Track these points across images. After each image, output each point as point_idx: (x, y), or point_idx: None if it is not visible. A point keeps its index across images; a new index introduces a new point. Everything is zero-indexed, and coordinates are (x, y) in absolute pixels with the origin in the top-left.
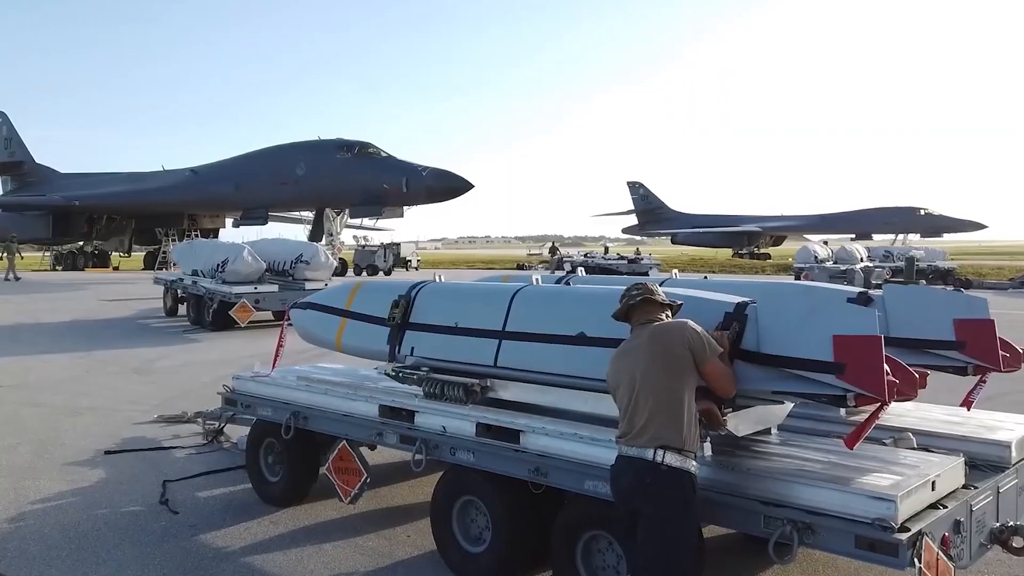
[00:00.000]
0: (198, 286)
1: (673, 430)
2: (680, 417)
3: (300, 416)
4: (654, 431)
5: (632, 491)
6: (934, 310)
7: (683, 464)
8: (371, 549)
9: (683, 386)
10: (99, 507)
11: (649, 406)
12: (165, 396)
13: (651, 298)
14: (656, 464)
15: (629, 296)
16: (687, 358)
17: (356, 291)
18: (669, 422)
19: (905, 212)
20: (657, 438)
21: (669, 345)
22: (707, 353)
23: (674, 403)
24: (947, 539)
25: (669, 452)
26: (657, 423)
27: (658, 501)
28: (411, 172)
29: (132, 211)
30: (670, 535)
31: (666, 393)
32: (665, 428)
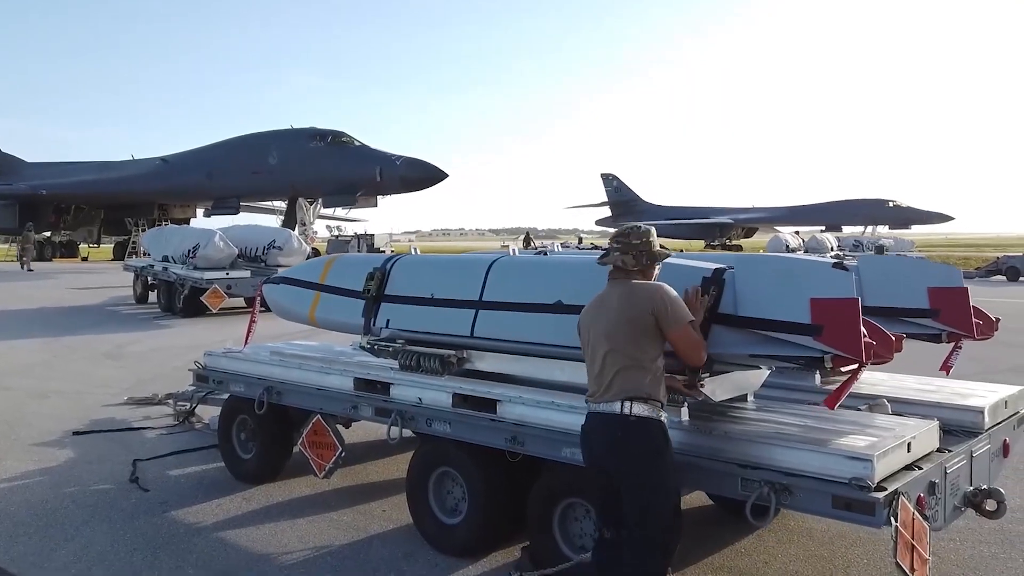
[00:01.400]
0: (169, 272)
1: (639, 382)
2: (646, 374)
3: (273, 391)
4: (620, 385)
5: (605, 449)
6: (908, 279)
7: (651, 413)
8: (346, 523)
9: (649, 350)
10: (67, 486)
11: (616, 367)
12: (135, 380)
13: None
14: (625, 416)
15: (625, 245)
16: (652, 325)
17: (330, 265)
18: (635, 377)
19: (874, 204)
20: (624, 391)
21: (636, 310)
22: (671, 321)
23: (640, 363)
24: (922, 500)
25: (636, 403)
26: (623, 378)
27: (631, 456)
28: (385, 161)
29: (101, 201)
30: (649, 489)
31: (632, 358)
32: (631, 381)
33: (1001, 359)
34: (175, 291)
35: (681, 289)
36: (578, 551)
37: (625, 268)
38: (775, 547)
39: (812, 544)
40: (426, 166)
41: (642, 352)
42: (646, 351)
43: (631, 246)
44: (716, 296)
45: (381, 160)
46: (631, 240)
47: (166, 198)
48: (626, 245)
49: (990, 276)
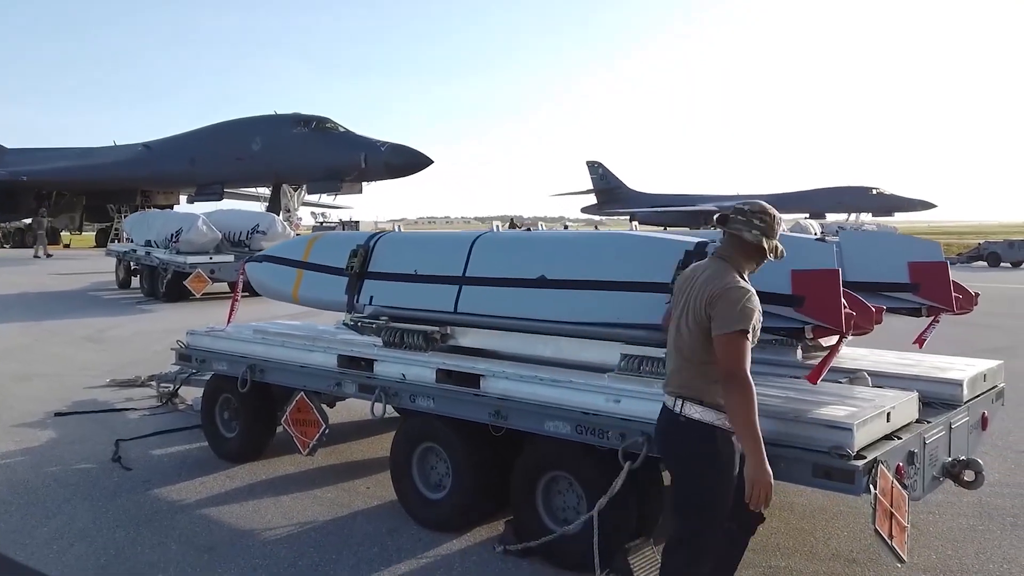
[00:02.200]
0: (151, 257)
1: (696, 380)
2: (705, 372)
3: (256, 369)
4: (679, 379)
5: (657, 441)
6: (889, 254)
7: (703, 416)
8: (330, 500)
9: (704, 345)
10: (49, 465)
11: (681, 353)
12: (118, 363)
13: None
14: (675, 415)
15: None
16: (705, 321)
17: (313, 243)
18: (693, 373)
19: (857, 191)
20: (681, 386)
21: (702, 298)
22: (718, 321)
23: (698, 356)
24: (901, 469)
25: (689, 403)
26: (683, 372)
27: (677, 456)
28: (370, 147)
29: (83, 187)
30: (695, 499)
31: (689, 348)
32: (689, 377)
33: (980, 340)
34: (158, 276)
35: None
36: (561, 524)
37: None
38: None
39: (793, 518)
40: (411, 152)
41: (700, 345)
42: (703, 344)
43: (753, 226)
44: None
45: (366, 146)
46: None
47: (149, 184)
48: (747, 223)
49: (972, 262)
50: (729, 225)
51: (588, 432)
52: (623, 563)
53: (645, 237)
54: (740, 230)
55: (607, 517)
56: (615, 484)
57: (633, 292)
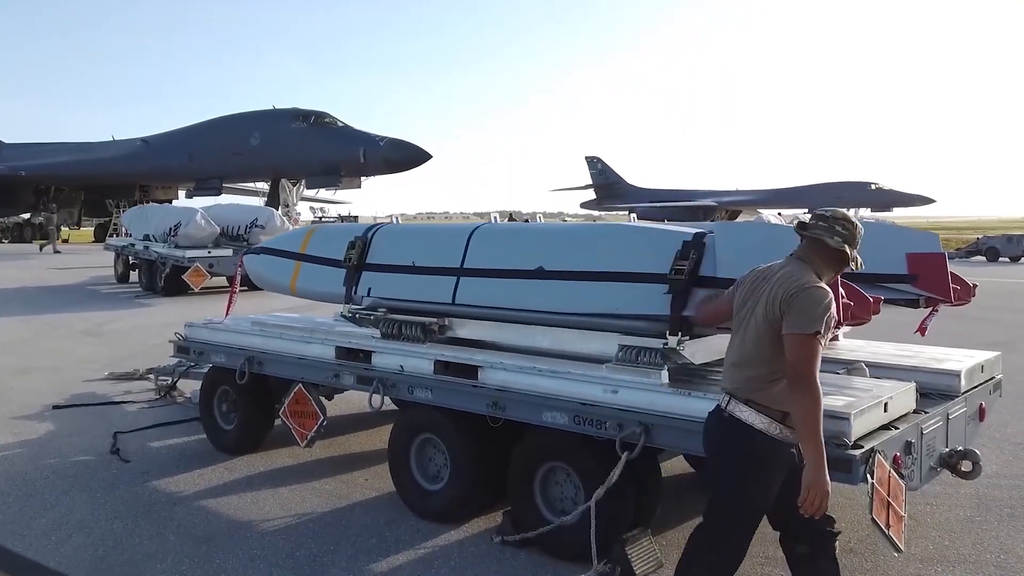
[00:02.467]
0: (150, 251)
1: (753, 380)
2: (765, 371)
3: (255, 361)
4: (734, 377)
5: (703, 436)
6: (886, 245)
7: (748, 418)
8: (328, 492)
9: (771, 344)
10: (47, 457)
11: (742, 350)
12: (116, 356)
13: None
14: (720, 411)
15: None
16: (778, 318)
17: (311, 234)
18: (752, 371)
19: (857, 187)
20: (735, 384)
21: (777, 295)
22: (791, 321)
23: (761, 354)
24: (898, 459)
25: (738, 402)
26: (740, 370)
27: (715, 452)
28: (368, 142)
29: (81, 182)
30: (729, 498)
31: (753, 345)
32: (746, 376)
33: (978, 334)
34: (156, 270)
35: (662, 254)
36: (558, 515)
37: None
38: None
39: None
40: (410, 147)
41: (768, 347)
42: (767, 345)
43: (835, 232)
44: (696, 259)
45: (364, 141)
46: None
47: (147, 179)
48: (829, 228)
49: (970, 257)
50: (810, 230)
51: (586, 423)
52: (620, 554)
53: (643, 228)
54: (822, 235)
55: (604, 508)
56: (612, 474)
57: (631, 283)
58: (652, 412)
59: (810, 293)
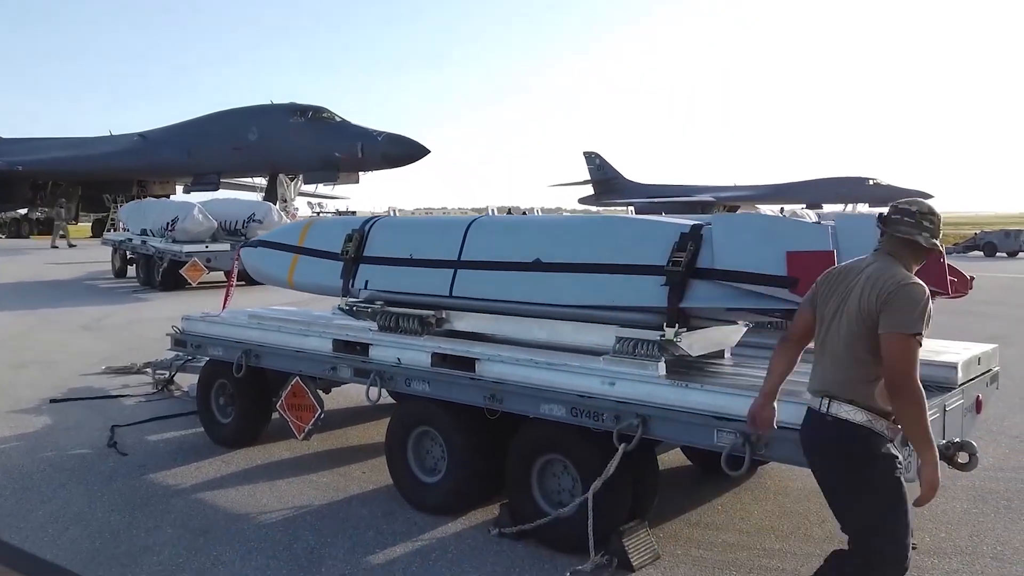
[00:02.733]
0: (147, 246)
1: (849, 379)
2: (860, 370)
3: (252, 354)
4: (827, 377)
5: (805, 447)
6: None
7: (853, 416)
8: (325, 484)
9: (865, 344)
10: (44, 451)
11: (833, 350)
12: (113, 350)
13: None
14: (822, 415)
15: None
16: (873, 317)
17: (308, 227)
18: (846, 371)
19: (855, 182)
20: (830, 385)
21: (873, 294)
22: (889, 321)
23: (855, 354)
24: None
25: (838, 402)
26: (833, 370)
27: (829, 462)
28: (366, 137)
29: (79, 177)
30: (865, 510)
31: (845, 345)
32: (841, 376)
33: (976, 328)
34: (154, 265)
35: (659, 245)
36: (556, 506)
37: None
38: (751, 504)
39: (788, 501)
40: (408, 142)
41: (862, 347)
42: (864, 345)
43: (922, 228)
44: (694, 251)
45: (362, 136)
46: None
47: (145, 175)
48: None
49: (968, 252)
50: (897, 228)
51: (583, 415)
52: (618, 545)
53: (640, 220)
54: (911, 233)
55: (602, 500)
56: (609, 466)
57: (628, 275)
58: (649, 404)
59: (908, 291)
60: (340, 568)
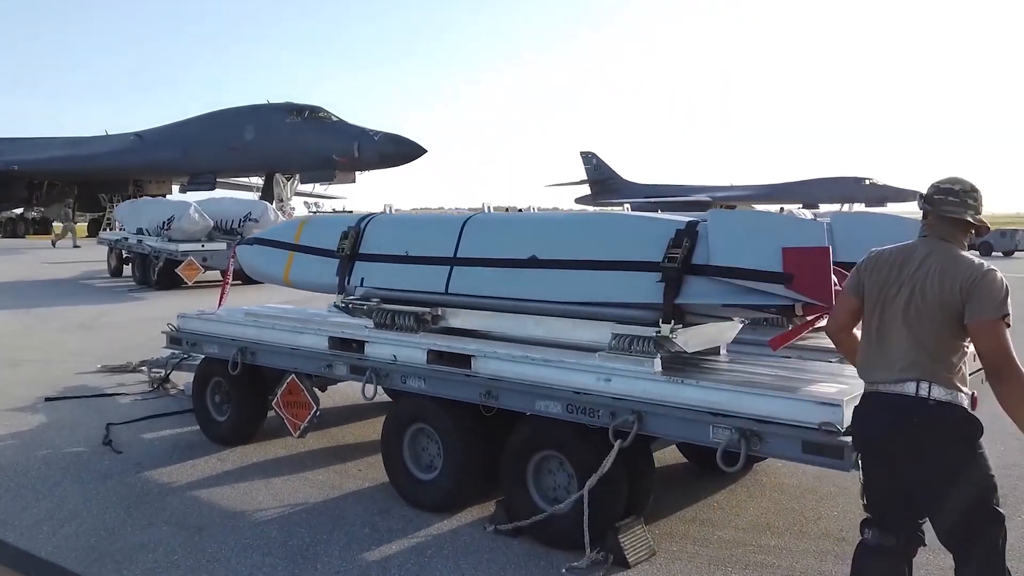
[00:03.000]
0: (143, 245)
1: (935, 365)
2: (944, 357)
3: (247, 351)
4: (914, 364)
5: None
6: (880, 234)
7: (952, 397)
8: (321, 482)
9: (949, 329)
10: (39, 448)
11: (915, 338)
12: (109, 349)
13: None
14: (923, 399)
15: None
16: (959, 306)
17: (304, 225)
18: (932, 358)
19: (851, 182)
20: (921, 371)
21: (951, 283)
22: (977, 308)
23: (940, 342)
24: None
25: (936, 386)
26: (920, 358)
27: (939, 444)
28: (363, 137)
29: (75, 177)
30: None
31: (930, 334)
32: (928, 362)
33: None
34: (150, 264)
35: (654, 242)
36: (551, 503)
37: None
38: (747, 501)
39: (783, 498)
40: (404, 142)
41: (948, 334)
42: (948, 333)
43: (968, 206)
44: (689, 247)
45: (359, 135)
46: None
47: (141, 174)
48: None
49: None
50: (943, 208)
51: (579, 411)
52: (613, 542)
53: (635, 216)
54: (959, 212)
55: (597, 496)
56: (605, 463)
57: (624, 271)
58: (645, 400)
59: (990, 277)
60: (335, 565)
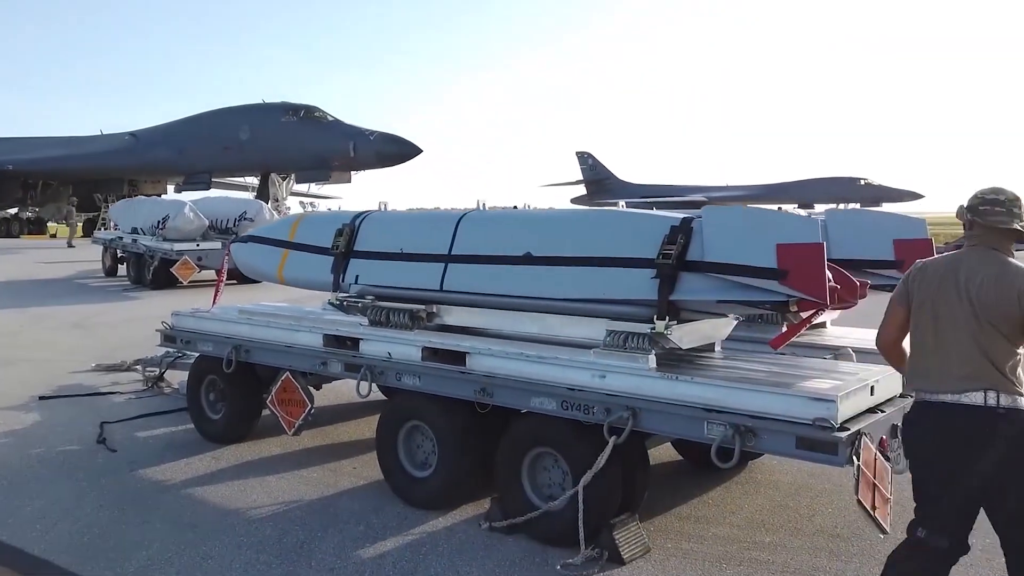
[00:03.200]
0: (138, 244)
1: (1006, 374)
2: (1011, 365)
3: (242, 349)
4: (978, 370)
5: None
6: (875, 232)
7: (1019, 404)
8: (316, 480)
9: (1010, 339)
10: (33, 447)
11: (983, 347)
12: (104, 348)
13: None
14: (991, 409)
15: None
16: (1016, 312)
17: (299, 223)
18: (1002, 368)
19: (846, 182)
20: (986, 377)
21: (1008, 291)
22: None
23: (1006, 350)
24: (884, 442)
25: (1004, 395)
26: (984, 365)
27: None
28: (359, 136)
29: (70, 176)
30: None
31: (993, 345)
32: (997, 372)
33: None
34: (145, 263)
35: (649, 239)
36: (546, 500)
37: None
38: (741, 498)
39: (778, 495)
40: (401, 141)
41: (1005, 341)
42: (1013, 339)
43: (1014, 215)
44: (684, 244)
45: (355, 135)
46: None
47: (136, 174)
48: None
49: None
50: (990, 218)
51: (573, 408)
52: (608, 539)
53: (630, 213)
54: (1008, 222)
55: (592, 493)
56: (600, 459)
57: (619, 268)
58: (640, 397)
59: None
60: (330, 562)
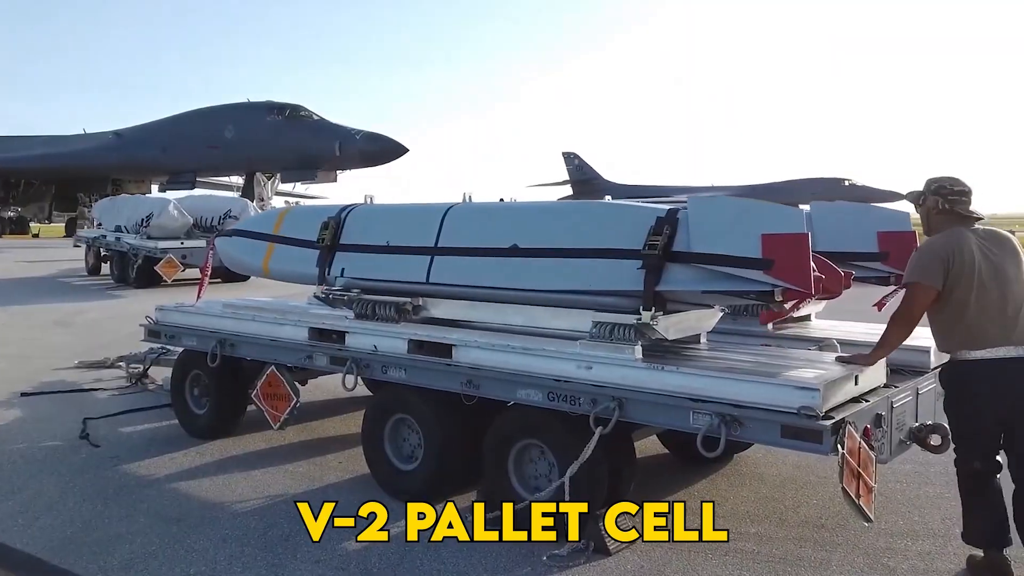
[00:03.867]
0: (121, 242)
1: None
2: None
3: (227, 343)
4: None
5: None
6: (858, 224)
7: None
8: (301, 474)
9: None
10: (15, 443)
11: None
12: (87, 345)
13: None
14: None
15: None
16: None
17: (284, 216)
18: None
19: (830, 183)
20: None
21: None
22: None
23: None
24: (869, 431)
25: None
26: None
27: None
28: (344, 135)
29: (52, 176)
30: None
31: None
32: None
33: None
34: (128, 262)
35: (636, 230)
36: (532, 492)
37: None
38: (727, 490)
39: (763, 487)
40: (386, 140)
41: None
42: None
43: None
44: (670, 235)
45: (340, 134)
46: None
47: (120, 173)
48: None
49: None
50: (958, 208)
51: (560, 399)
52: (594, 530)
53: (616, 205)
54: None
55: (578, 484)
56: (586, 450)
57: (605, 259)
58: (626, 387)
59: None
60: (315, 555)
